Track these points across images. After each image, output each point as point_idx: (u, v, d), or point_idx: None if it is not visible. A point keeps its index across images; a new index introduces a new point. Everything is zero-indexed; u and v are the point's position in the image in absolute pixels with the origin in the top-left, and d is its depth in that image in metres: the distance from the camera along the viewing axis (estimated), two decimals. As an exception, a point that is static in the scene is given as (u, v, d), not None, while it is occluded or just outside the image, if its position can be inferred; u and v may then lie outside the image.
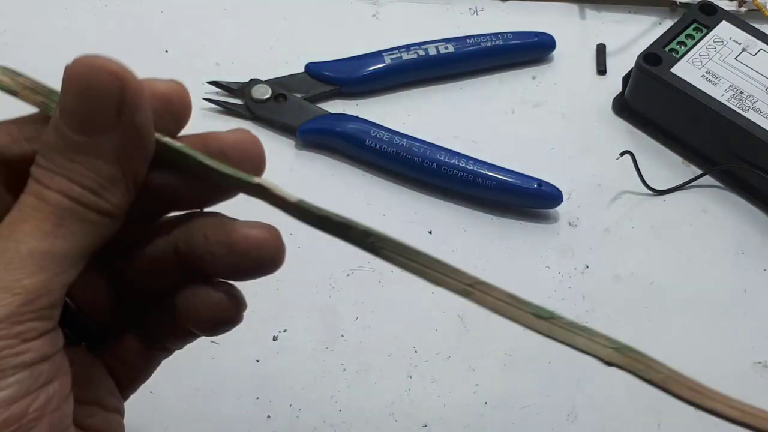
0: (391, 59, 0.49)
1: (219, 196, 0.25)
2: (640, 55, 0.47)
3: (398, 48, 0.49)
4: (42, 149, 0.22)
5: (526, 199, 0.44)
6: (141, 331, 0.27)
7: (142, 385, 0.29)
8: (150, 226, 0.26)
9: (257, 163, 0.24)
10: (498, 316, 0.23)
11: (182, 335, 0.27)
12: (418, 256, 0.24)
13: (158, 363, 0.29)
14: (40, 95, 0.24)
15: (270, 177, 0.24)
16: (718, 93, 0.45)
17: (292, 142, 0.47)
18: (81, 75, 0.21)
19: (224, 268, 0.24)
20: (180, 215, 0.26)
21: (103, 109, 0.21)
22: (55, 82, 0.25)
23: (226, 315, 0.25)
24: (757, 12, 0.51)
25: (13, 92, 0.24)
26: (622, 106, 0.49)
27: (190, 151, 0.24)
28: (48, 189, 0.21)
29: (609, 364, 0.23)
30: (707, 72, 0.46)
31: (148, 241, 0.26)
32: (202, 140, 0.24)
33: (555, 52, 0.51)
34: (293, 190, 0.25)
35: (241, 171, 0.23)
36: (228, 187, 0.24)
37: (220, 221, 0.24)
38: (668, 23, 0.52)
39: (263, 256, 0.24)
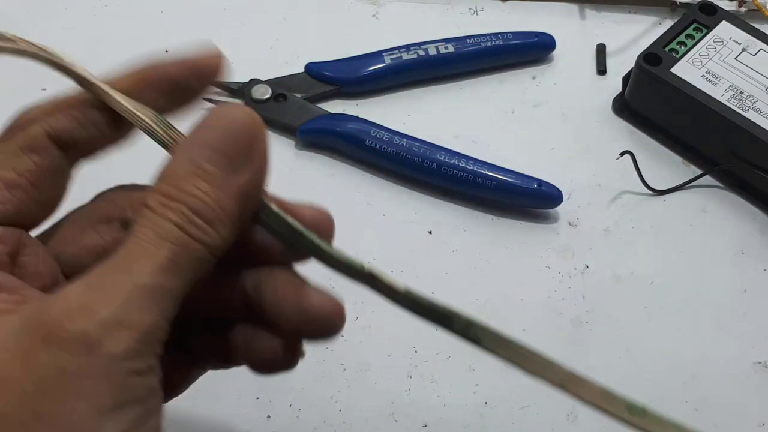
0: (391, 59, 0.49)
1: (296, 260, 0.26)
2: (640, 55, 0.47)
3: (398, 48, 0.49)
4: (164, 176, 0.22)
5: (526, 199, 0.44)
6: (186, 350, 0.28)
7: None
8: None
9: (329, 240, 0.26)
10: (592, 409, 0.24)
11: (230, 363, 0.28)
12: (517, 349, 0.24)
13: (195, 379, 0.29)
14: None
15: (270, 178, 0.24)
16: (718, 93, 0.45)
17: (292, 142, 0.47)
18: (228, 114, 0.23)
19: (288, 325, 0.25)
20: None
21: (241, 148, 0.23)
22: (57, 81, 0.25)
23: (284, 363, 0.26)
24: (757, 12, 0.51)
25: (165, 145, 0.25)
26: (622, 106, 0.49)
27: (305, 230, 0.24)
28: (166, 220, 0.22)
29: None
30: (707, 72, 0.46)
31: (215, 275, 0.26)
32: (281, 209, 0.25)
33: (555, 52, 0.51)
34: (293, 194, 0.25)
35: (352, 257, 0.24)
36: (328, 266, 0.25)
37: (291, 278, 0.25)
38: (668, 23, 0.52)
39: (328, 328, 0.25)
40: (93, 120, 0.25)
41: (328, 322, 0.25)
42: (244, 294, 0.26)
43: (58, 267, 0.25)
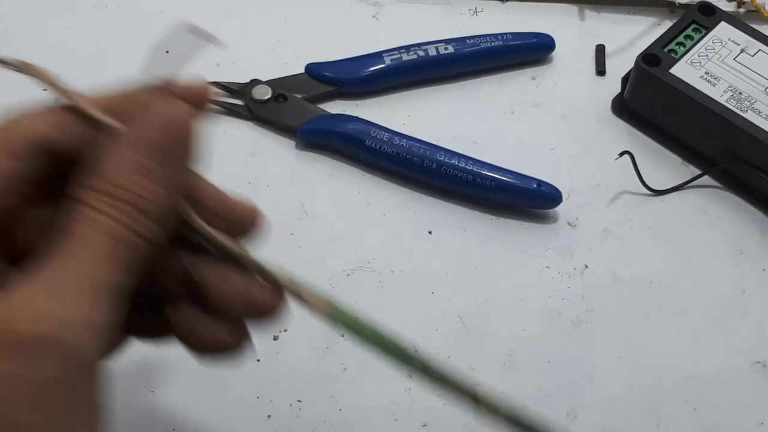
0: (391, 60, 0.49)
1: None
2: (639, 56, 0.47)
3: (398, 49, 0.49)
4: (104, 172, 0.22)
5: (526, 200, 0.45)
6: (135, 333, 0.28)
7: (144, 385, 0.29)
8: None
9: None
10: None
11: (162, 339, 0.28)
12: None
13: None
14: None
15: (270, 178, 0.25)
16: (717, 94, 0.45)
17: (293, 143, 0.47)
18: (167, 110, 0.23)
19: (234, 313, 0.26)
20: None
21: (180, 143, 0.23)
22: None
23: (231, 347, 0.27)
24: (755, 13, 0.51)
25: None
26: (622, 107, 0.49)
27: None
28: (112, 219, 0.22)
29: None
30: (706, 73, 0.46)
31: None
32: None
33: (554, 53, 0.52)
34: (293, 194, 0.25)
35: None
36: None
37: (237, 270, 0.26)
38: (667, 24, 0.52)
39: (272, 315, 0.27)
40: (71, 130, 0.24)
41: (271, 311, 0.27)
42: (184, 276, 0.26)
43: None
